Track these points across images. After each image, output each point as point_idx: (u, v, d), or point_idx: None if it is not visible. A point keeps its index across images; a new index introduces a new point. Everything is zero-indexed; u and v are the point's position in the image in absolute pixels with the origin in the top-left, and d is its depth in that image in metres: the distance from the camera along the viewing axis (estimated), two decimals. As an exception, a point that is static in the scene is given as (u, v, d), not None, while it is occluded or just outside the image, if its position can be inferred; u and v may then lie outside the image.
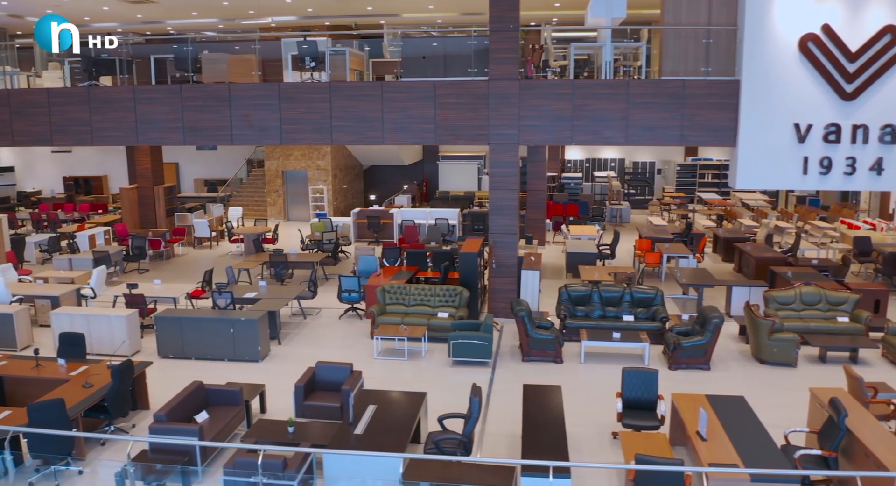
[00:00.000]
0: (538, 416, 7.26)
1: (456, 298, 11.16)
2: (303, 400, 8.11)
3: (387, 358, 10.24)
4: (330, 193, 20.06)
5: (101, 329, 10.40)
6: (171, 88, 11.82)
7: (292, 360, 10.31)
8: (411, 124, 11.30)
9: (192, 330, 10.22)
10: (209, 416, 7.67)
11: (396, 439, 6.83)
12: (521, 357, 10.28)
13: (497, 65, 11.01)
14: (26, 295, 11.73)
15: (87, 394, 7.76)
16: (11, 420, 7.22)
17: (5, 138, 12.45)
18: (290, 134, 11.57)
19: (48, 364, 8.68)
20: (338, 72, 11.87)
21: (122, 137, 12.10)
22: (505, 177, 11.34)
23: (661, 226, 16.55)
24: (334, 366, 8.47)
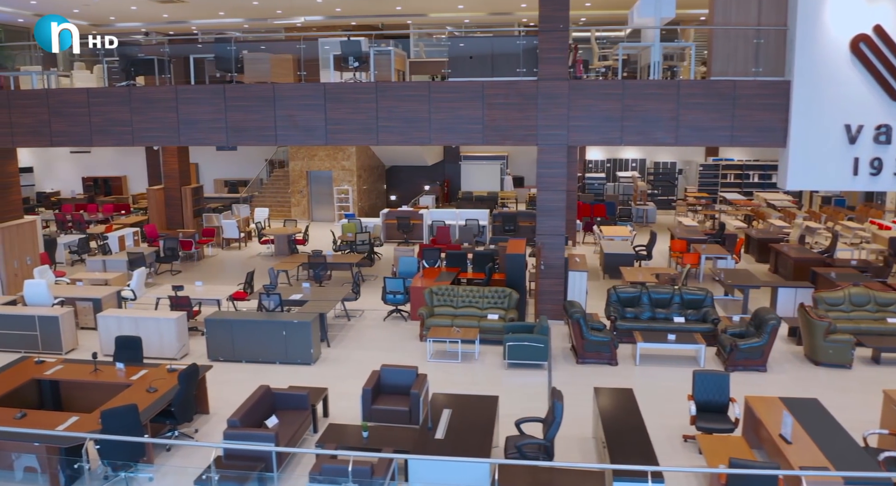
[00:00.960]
0: (617, 420, 7.19)
1: (505, 299, 11.08)
2: (370, 404, 8.03)
3: (440, 361, 10.15)
4: (355, 193, 19.95)
5: (149, 332, 10.27)
6: (215, 88, 11.70)
7: (344, 362, 10.22)
8: (459, 125, 11.22)
9: (243, 333, 10.10)
10: (278, 421, 7.59)
11: (480, 444, 6.74)
12: (574, 359, 10.21)
13: (546, 65, 10.93)
14: (67, 297, 11.60)
15: (153, 399, 7.65)
16: (79, 426, 7.09)
17: (43, 139, 12.31)
18: (336, 134, 11.47)
19: (106, 368, 8.56)
20: (380, 72, 11.77)
21: (164, 138, 11.97)
22: (553, 178, 11.26)
23: (693, 227, 16.51)
24: (399, 369, 8.38)
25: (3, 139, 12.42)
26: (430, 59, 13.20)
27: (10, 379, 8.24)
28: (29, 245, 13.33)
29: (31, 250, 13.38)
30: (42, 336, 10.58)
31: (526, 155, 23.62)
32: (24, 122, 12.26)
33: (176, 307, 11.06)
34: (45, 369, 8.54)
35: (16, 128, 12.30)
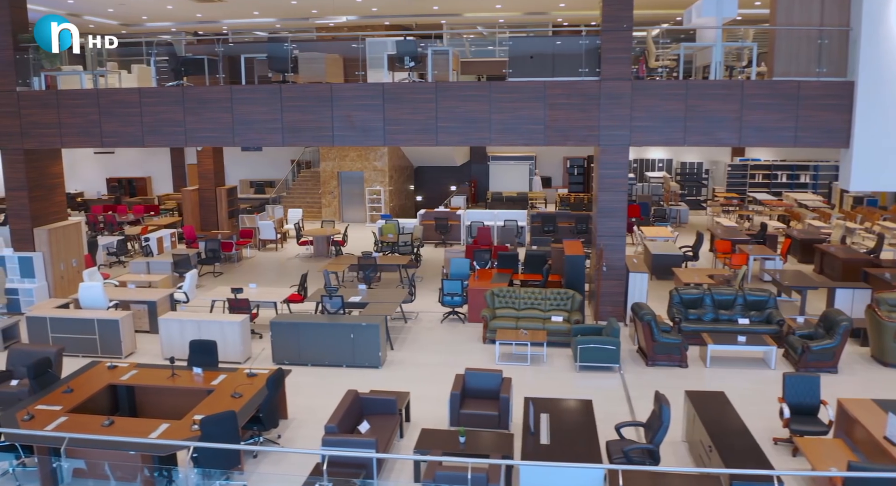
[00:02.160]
0: (720, 423, 7.10)
1: (568, 301, 10.99)
2: (458, 408, 7.92)
3: (509, 363, 10.04)
4: (386, 194, 19.83)
5: (212, 335, 10.10)
6: (271, 88, 11.56)
7: (411, 365, 10.11)
8: (520, 125, 11.12)
9: (309, 336, 9.97)
10: (370, 426, 7.47)
11: (588, 449, 6.65)
12: (644, 362, 10.13)
13: (609, 65, 10.85)
14: (122, 300, 11.44)
15: (241, 404, 7.51)
16: (172, 433, 6.93)
17: (93, 139, 12.14)
18: (394, 135, 11.36)
19: (183, 373, 8.42)
20: (435, 72, 11.66)
21: (218, 138, 11.82)
22: (614, 179, 11.18)
23: (733, 227, 16.46)
24: (484, 373, 8.28)
25: (52, 140, 12.25)
26: (478, 58, 13.10)
27: (86, 385, 8.08)
28: (74, 247, 13.15)
29: (76, 252, 13.20)
30: (101, 340, 10.42)
31: (552, 155, 23.58)
32: (72, 122, 12.09)
33: (235, 310, 10.92)
34: (119, 375, 8.38)
35: (64, 128, 12.13)
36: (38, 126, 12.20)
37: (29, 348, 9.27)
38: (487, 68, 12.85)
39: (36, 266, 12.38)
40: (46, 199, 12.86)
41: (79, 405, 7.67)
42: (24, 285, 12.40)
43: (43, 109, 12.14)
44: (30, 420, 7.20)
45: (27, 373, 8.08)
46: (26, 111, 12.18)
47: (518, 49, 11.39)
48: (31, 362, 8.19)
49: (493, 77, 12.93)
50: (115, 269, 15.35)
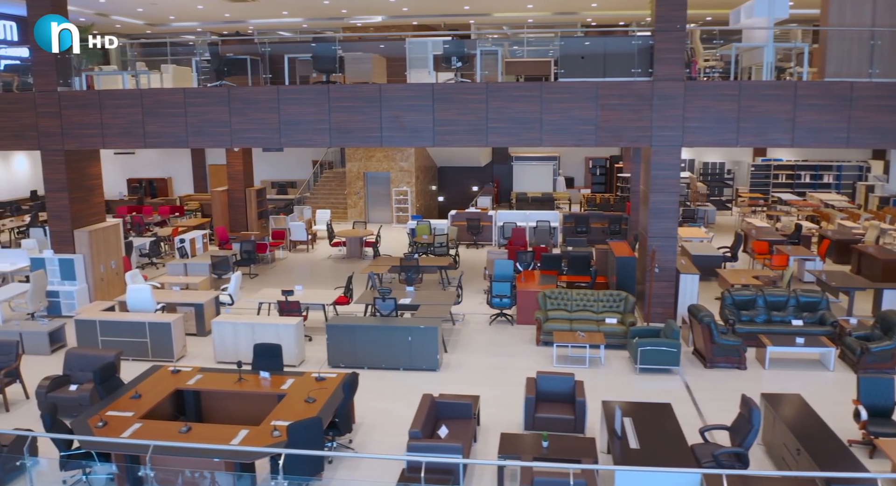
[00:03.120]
0: (804, 426, 7.05)
1: (621, 303, 10.93)
2: (533, 412, 7.84)
3: (566, 366, 9.97)
4: (413, 194, 19.72)
5: (267, 338, 10.00)
6: (318, 89, 11.45)
7: (468, 368, 10.03)
8: (571, 126, 11.05)
9: (365, 339, 9.88)
10: (448, 430, 7.39)
11: (679, 453, 6.59)
12: (702, 364, 10.08)
13: (662, 65, 10.78)
14: (168, 302, 11.31)
15: (317, 409, 7.40)
16: (253, 439, 6.81)
17: (136, 140, 12.00)
18: (444, 136, 11.27)
19: (250, 378, 8.31)
20: (473, 72, 11.58)
21: (264, 139, 11.70)
22: (666, 179, 11.11)
23: (766, 228, 16.44)
24: (556, 376, 8.20)
25: (93, 141, 12.11)
26: (518, 59, 13.00)
27: (154, 390, 7.96)
28: (113, 249, 13.01)
29: (115, 254, 13.06)
30: (152, 343, 10.29)
31: (574, 155, 23.53)
32: (115, 123, 11.95)
33: (285, 313, 10.80)
34: (185, 379, 8.26)
35: (106, 129, 11.99)
36: (80, 127, 12.06)
37: (86, 353, 9.15)
38: (529, 69, 12.76)
39: (77, 268, 12.25)
40: (86, 200, 12.71)
41: (149, 410, 7.57)
42: (64, 288, 12.26)
43: (84, 109, 12.00)
44: (104, 427, 7.09)
45: (93, 378, 7.96)
46: (67, 112, 12.03)
47: (569, 49, 11.31)
48: (96, 367, 8.08)
49: (531, 77, 12.83)
50: (149, 270, 15.21)
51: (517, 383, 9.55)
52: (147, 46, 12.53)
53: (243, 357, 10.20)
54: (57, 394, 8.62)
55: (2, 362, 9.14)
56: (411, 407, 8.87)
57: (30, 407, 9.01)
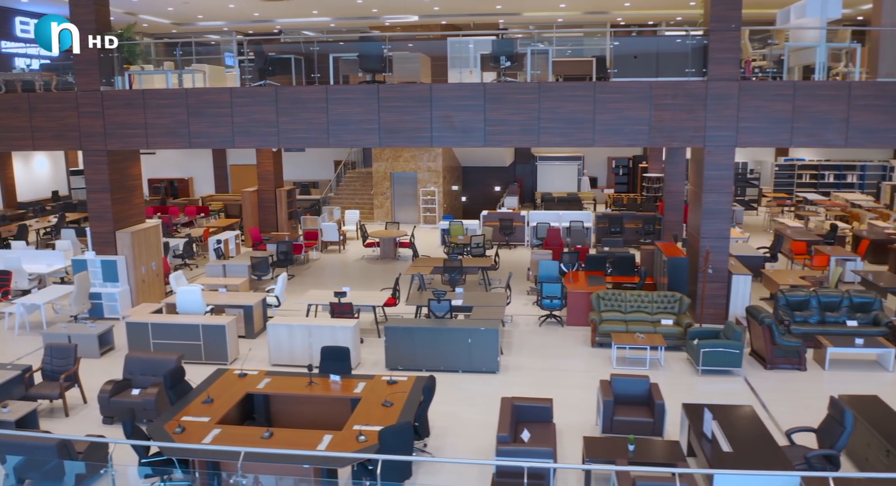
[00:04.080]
0: (888, 426, 7.00)
1: (675, 304, 10.86)
2: (612, 415, 7.77)
3: (626, 368, 9.90)
4: (440, 195, 19.62)
5: (323, 340, 9.90)
6: (367, 89, 11.34)
7: (527, 370, 9.94)
8: (624, 126, 10.98)
9: (424, 341, 9.77)
10: (530, 434, 7.30)
11: (772, 455, 6.52)
12: (761, 365, 10.01)
13: (716, 65, 10.72)
14: (217, 304, 11.18)
15: (397, 413, 7.30)
16: (338, 445, 6.67)
17: (181, 140, 11.86)
18: (495, 136, 11.18)
19: (320, 381, 8.19)
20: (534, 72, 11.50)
21: (312, 139, 11.58)
22: (719, 180, 11.06)
23: (800, 228, 16.42)
24: (631, 379, 8.12)
25: (137, 141, 11.97)
26: (561, 58, 12.92)
27: (224, 394, 7.83)
28: (153, 250, 12.87)
29: (155, 256, 12.92)
30: (205, 346, 10.16)
31: (597, 155, 23.48)
32: (159, 123, 11.82)
33: (337, 314, 10.69)
34: (254, 383, 8.13)
35: (150, 129, 11.85)
36: (123, 127, 11.92)
37: (146, 356, 9.03)
38: (571, 68, 12.69)
39: (119, 270, 12.10)
40: (127, 201, 12.57)
41: (224, 415, 7.45)
42: (107, 290, 12.11)
43: (128, 108, 11.85)
44: (182, 433, 6.97)
45: (164, 382, 7.83)
46: (110, 111, 11.88)
47: (623, 49, 11.25)
48: (166, 371, 7.94)
49: (571, 77, 12.76)
50: (183, 272, 15.04)
51: (580, 385, 9.50)
52: (177, 46, 12.33)
53: (299, 360, 10.13)
54: (119, 398, 8.50)
55: (60, 365, 9.01)
56: (478, 410, 8.83)
57: (88, 412, 8.88)
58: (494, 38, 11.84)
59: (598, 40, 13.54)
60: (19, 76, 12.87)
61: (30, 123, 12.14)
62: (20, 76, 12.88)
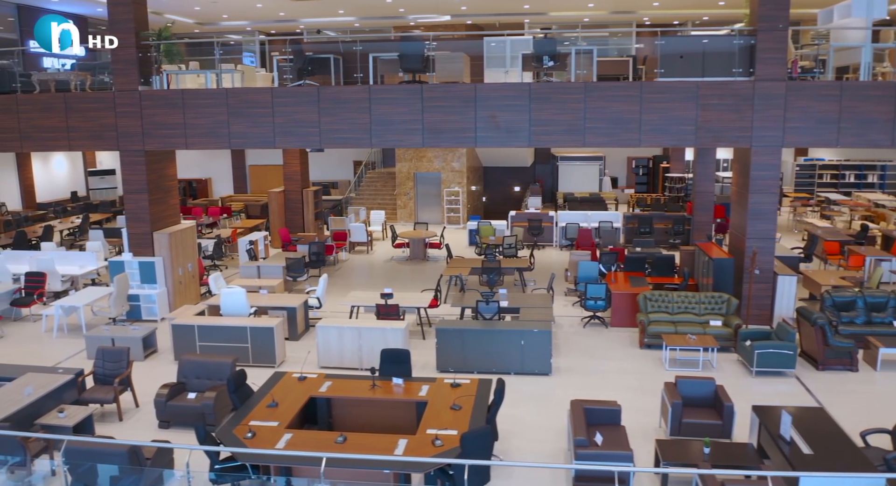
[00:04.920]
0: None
1: (723, 305, 10.82)
2: (680, 417, 7.71)
3: (679, 369, 9.85)
4: (464, 195, 19.54)
5: (373, 342, 9.83)
6: (411, 89, 11.26)
7: (579, 372, 9.87)
8: (670, 126, 10.93)
9: (475, 343, 9.70)
10: (603, 437, 7.24)
11: (853, 457, 6.47)
12: (813, 366, 9.97)
13: (764, 65, 10.69)
14: (260, 306, 11.08)
15: (467, 416, 7.21)
16: (414, 449, 6.58)
17: (220, 141, 11.75)
18: (540, 136, 11.12)
19: (382, 384, 8.10)
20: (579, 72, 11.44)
21: (354, 140, 11.48)
22: (766, 180, 11.02)
23: (830, 228, 16.41)
24: (696, 380, 8.06)
25: (175, 141, 11.86)
26: (605, 58, 12.89)
27: (287, 398, 7.72)
28: (189, 251, 12.75)
29: (191, 257, 12.80)
30: (253, 348, 10.06)
31: (617, 155, 23.43)
32: (198, 123, 11.70)
33: (383, 316, 10.61)
34: (316, 386, 8.04)
35: (189, 129, 11.73)
36: (161, 127, 11.80)
37: (201, 359, 8.91)
38: (607, 68, 12.67)
39: (157, 271, 11.98)
40: (163, 202, 12.45)
41: (292, 420, 7.36)
42: (144, 291, 11.99)
43: (166, 108, 11.74)
44: (253, 438, 6.88)
45: (228, 386, 7.73)
46: (148, 111, 11.76)
47: (669, 48, 11.19)
48: (230, 375, 7.84)
49: (604, 77, 12.71)
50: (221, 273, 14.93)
51: (634, 387, 9.44)
52: (213, 45, 12.20)
53: (348, 362, 10.04)
54: (176, 402, 8.40)
55: (112, 369, 8.89)
56: (538, 412, 8.76)
57: (142, 416, 8.77)
58: (532, 37, 11.74)
59: (630, 40, 13.50)
60: (53, 76, 12.72)
61: (66, 123, 12.01)
62: (54, 76, 12.73)
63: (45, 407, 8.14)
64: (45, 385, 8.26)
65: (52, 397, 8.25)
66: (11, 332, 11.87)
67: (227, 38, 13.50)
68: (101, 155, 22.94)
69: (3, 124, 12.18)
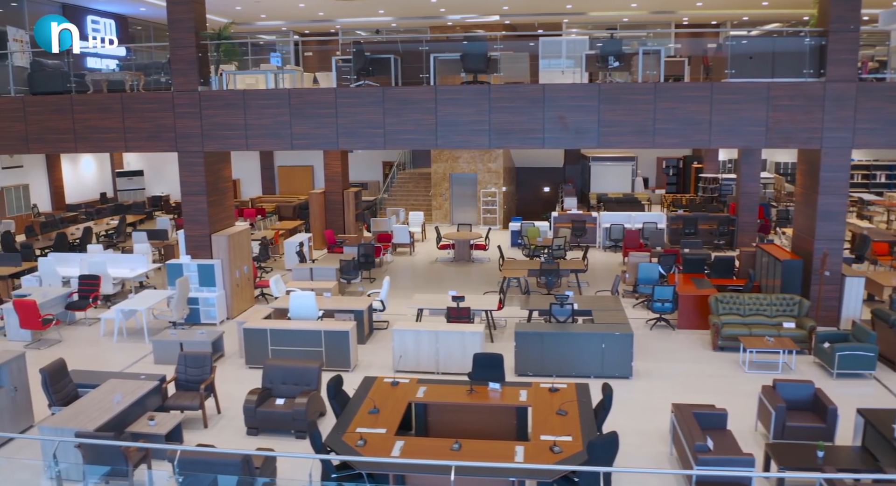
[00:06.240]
0: None
1: (794, 307, 10.77)
2: (783, 421, 7.65)
3: (759, 372, 9.80)
4: (501, 196, 19.44)
5: (451, 346, 9.74)
6: (478, 89, 11.15)
7: (658, 375, 9.79)
8: (741, 127, 10.87)
9: (555, 346, 9.62)
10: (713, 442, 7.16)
11: (981, 463, 6.45)
12: (890, 368, 9.93)
13: (835, 66, 10.65)
14: (327, 310, 10.95)
15: (575, 422, 7.13)
16: (534, 456, 6.46)
17: (283, 141, 11.61)
18: (609, 137, 11.03)
19: (479, 389, 7.99)
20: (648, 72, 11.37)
21: (420, 141, 11.37)
22: (835, 182, 10.99)
23: (874, 228, 16.43)
24: (794, 384, 8.01)
25: (236, 142, 11.70)
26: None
27: (386, 403, 7.60)
28: (245, 253, 12.60)
29: (246, 259, 12.64)
30: (327, 352, 9.93)
31: (646, 156, 23.40)
32: (260, 124, 11.55)
33: (454, 319, 10.50)
34: (412, 392, 7.93)
35: (251, 130, 11.58)
36: (221, 127, 11.64)
37: (286, 364, 8.76)
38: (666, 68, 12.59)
39: (216, 274, 11.82)
40: (220, 203, 12.29)
41: (396, 426, 7.24)
42: (203, 294, 11.83)
43: (226, 109, 11.58)
44: (364, 445, 6.76)
45: (328, 392, 7.59)
46: (208, 112, 11.60)
47: (740, 49, 11.13)
48: (330, 381, 7.70)
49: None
50: (271, 275, 14.78)
51: (718, 389, 9.35)
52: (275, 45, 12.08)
53: (424, 366, 9.93)
54: (265, 408, 8.26)
55: (197, 374, 8.74)
56: (629, 416, 8.63)
57: (226, 422, 8.63)
58: (587, 37, 11.65)
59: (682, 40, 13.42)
60: (107, 76, 12.53)
61: (122, 124, 11.83)
62: (108, 76, 12.54)
63: (132, 415, 7.99)
64: (132, 392, 8.10)
65: (137, 404, 8.11)
66: (69, 336, 11.68)
67: (258, 38, 13.42)
68: (128, 156, 22.71)
69: (58, 125, 11.99)
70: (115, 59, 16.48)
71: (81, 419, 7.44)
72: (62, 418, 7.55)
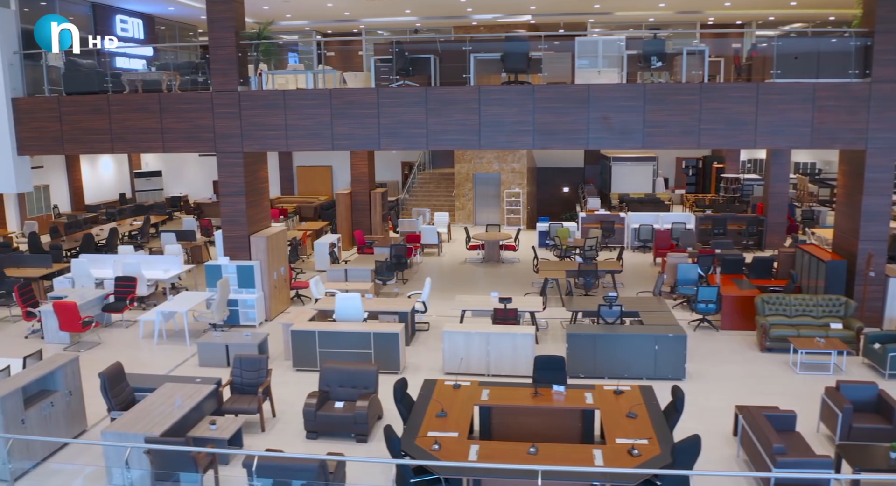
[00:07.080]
0: None
1: (840, 308, 10.76)
2: (850, 422, 7.62)
3: (809, 373, 9.78)
4: (525, 196, 19.39)
5: (502, 348, 9.68)
6: (522, 89, 11.10)
7: (709, 377, 9.76)
8: (786, 128, 10.85)
9: (607, 347, 9.57)
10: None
11: None
12: (939, 369, 9.97)
13: (881, 67, 10.63)
14: (371, 311, 10.87)
15: (646, 425, 7.09)
16: (614, 460, 6.40)
17: (324, 142, 11.52)
18: (654, 137, 10.99)
19: (543, 392, 7.94)
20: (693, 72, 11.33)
21: (462, 141, 11.31)
22: (880, 182, 10.98)
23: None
24: (858, 385, 8.00)
25: (276, 142, 11.62)
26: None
27: (453, 407, 7.53)
28: (282, 255, 12.51)
29: (283, 260, 12.55)
30: (376, 354, 9.85)
31: (666, 155, 23.38)
32: (301, 124, 11.47)
33: (500, 321, 10.44)
34: (476, 394, 7.86)
35: (291, 130, 11.49)
36: (261, 128, 11.55)
37: (343, 367, 8.68)
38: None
39: (256, 275, 11.73)
40: (258, 204, 12.20)
41: (467, 430, 7.18)
42: (242, 296, 11.73)
43: (266, 109, 11.49)
44: (440, 450, 6.69)
45: (395, 396, 7.52)
46: (247, 112, 11.51)
47: (785, 49, 11.11)
48: (396, 384, 7.63)
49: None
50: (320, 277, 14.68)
51: (774, 391, 9.32)
52: (320, 46, 11.98)
53: (474, 368, 9.87)
54: (325, 412, 8.17)
55: (251, 378, 8.66)
56: (690, 419, 8.56)
57: (283, 426, 8.55)
58: (623, 37, 11.57)
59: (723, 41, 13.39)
60: (143, 76, 12.40)
61: (160, 125, 11.72)
62: (144, 76, 12.41)
63: (192, 419, 7.90)
64: (191, 396, 8.01)
65: (196, 408, 8.01)
66: (107, 338, 11.57)
67: (278, 37, 13.31)
68: (146, 157, 22.55)
69: (94, 125, 11.88)
70: (142, 59, 16.34)
71: (145, 424, 7.35)
72: (125, 423, 7.45)
